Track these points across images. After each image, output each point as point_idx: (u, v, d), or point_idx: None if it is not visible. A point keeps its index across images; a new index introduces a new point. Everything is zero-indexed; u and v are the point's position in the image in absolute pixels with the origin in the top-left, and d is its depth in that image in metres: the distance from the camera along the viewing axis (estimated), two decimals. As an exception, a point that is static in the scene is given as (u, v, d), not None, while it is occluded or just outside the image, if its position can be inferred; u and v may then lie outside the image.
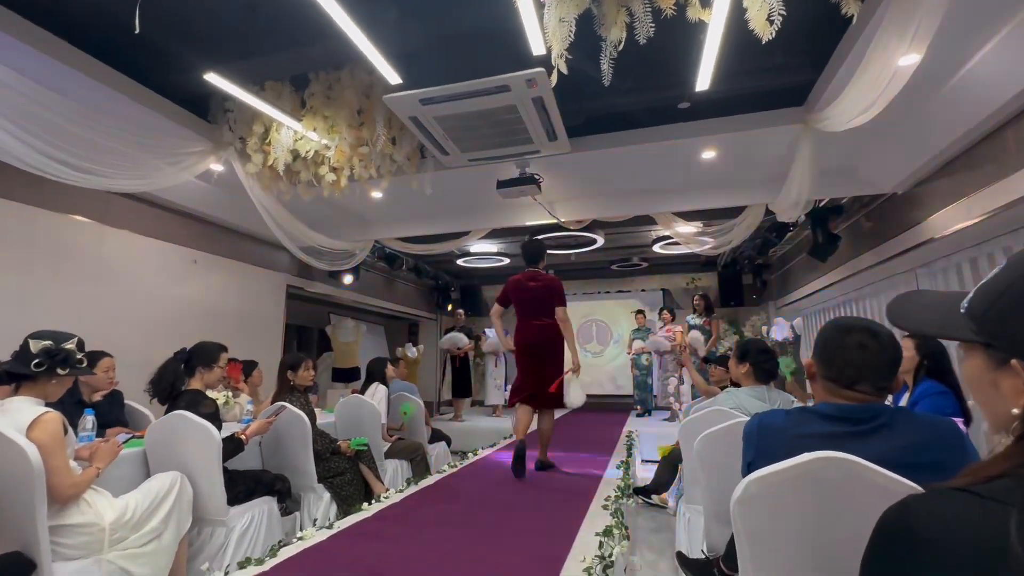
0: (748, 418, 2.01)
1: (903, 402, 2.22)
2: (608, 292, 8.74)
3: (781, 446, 1.11)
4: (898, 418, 1.08)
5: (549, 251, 6.39)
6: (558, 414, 7.16)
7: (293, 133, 3.15)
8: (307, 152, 3.18)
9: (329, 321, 7.21)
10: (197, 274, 4.19)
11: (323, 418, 3.46)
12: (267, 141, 3.21)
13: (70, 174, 2.49)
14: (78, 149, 2.50)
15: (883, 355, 1.09)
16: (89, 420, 2.15)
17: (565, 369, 3.47)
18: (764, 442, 1.16)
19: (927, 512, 0.57)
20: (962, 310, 0.64)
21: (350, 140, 3.13)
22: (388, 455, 3.55)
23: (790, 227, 5.44)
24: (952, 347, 2.31)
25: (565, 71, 2.20)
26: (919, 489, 0.80)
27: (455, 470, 3.51)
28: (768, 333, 5.93)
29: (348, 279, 5.96)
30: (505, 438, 5.18)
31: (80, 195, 3.24)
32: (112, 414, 2.63)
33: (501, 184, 3.61)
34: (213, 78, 2.65)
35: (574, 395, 3.51)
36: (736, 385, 2.81)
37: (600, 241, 6.05)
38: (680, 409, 5.69)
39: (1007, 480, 0.55)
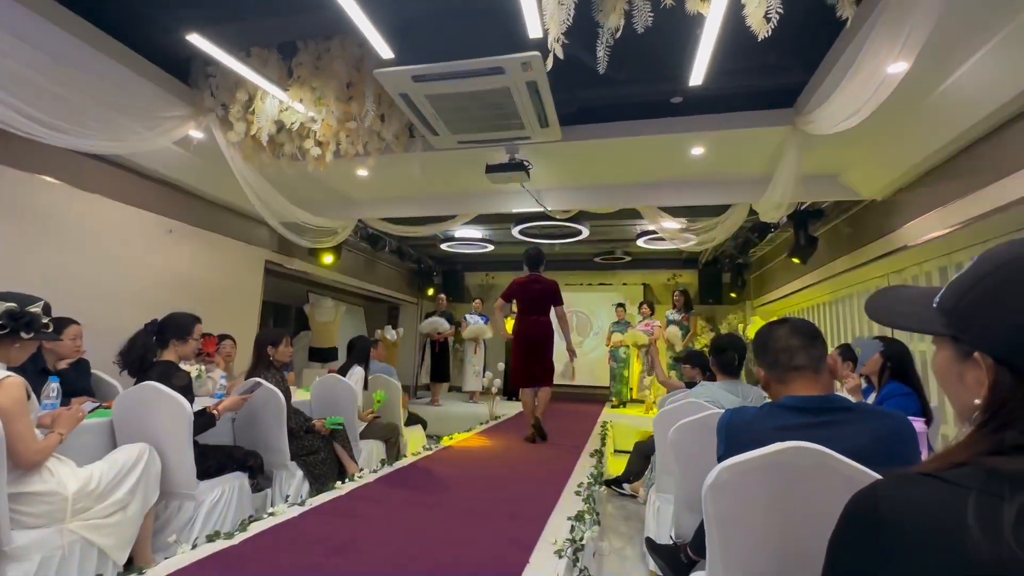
0: (721, 411, 2.08)
1: (870, 402, 2.31)
2: (590, 284, 8.80)
3: (751, 438, 1.16)
4: (856, 409, 1.14)
5: (533, 239, 6.48)
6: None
7: (278, 103, 3.06)
8: (292, 124, 3.10)
9: (308, 300, 7.11)
10: (172, 244, 4.10)
11: (299, 398, 3.46)
12: (251, 110, 3.11)
13: (39, 131, 2.38)
14: (48, 104, 2.40)
15: (809, 331, 1.26)
16: (53, 388, 2.10)
17: (563, 359, 4.62)
18: (734, 435, 1.20)
19: (894, 496, 0.59)
20: (934, 305, 0.67)
21: (337, 114, 3.06)
22: (364, 435, 3.56)
23: (771, 228, 5.55)
24: (915, 351, 2.41)
25: (561, 55, 2.19)
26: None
27: (430, 453, 3.52)
28: (744, 331, 6.07)
29: (329, 258, 5.88)
30: (481, 423, 5.23)
31: (50, 154, 3.12)
32: (78, 383, 2.58)
33: (490, 168, 3.60)
34: (196, 40, 2.54)
35: (574, 373, 5.39)
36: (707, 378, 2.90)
37: (585, 232, 6.08)
38: (655, 401, 5.79)
39: (969, 467, 0.58)
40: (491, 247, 7.18)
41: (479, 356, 7.29)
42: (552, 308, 4.38)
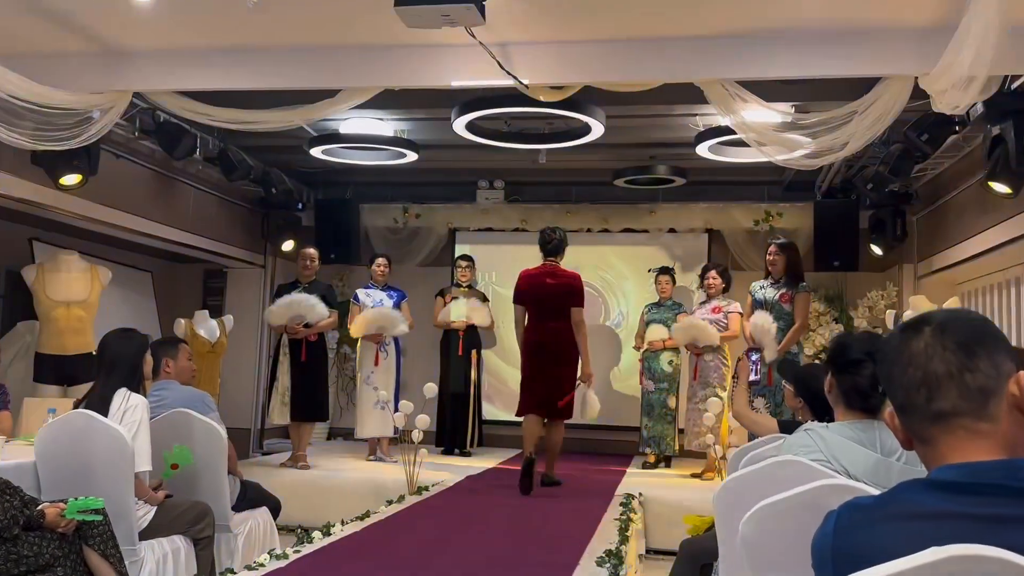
0: (839, 480, 2.13)
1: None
2: (607, 231, 8.94)
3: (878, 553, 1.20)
4: None
5: (496, 141, 6.49)
6: (503, 457, 7.71)
7: None
8: None
9: (32, 257, 6.93)
10: None
11: (14, 459, 3.47)
12: None
13: None
14: None
15: (969, 335, 1.27)
16: None
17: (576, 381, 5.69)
18: (846, 561, 1.23)
19: None
20: None
21: None
22: (145, 533, 3.60)
23: (954, 126, 5.67)
24: None
25: None
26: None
27: (282, 565, 3.59)
28: (895, 322, 6.28)
29: (72, 177, 5.70)
30: (391, 501, 5.38)
31: None
32: None
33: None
34: None
35: (590, 407, 6.01)
36: (822, 416, 2.97)
37: (597, 131, 6.11)
38: (724, 457, 5.99)
39: None
40: (410, 155, 7.15)
41: (385, 371, 7.37)
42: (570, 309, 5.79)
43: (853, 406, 2.49)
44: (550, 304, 5.85)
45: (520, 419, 6.02)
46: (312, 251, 7.25)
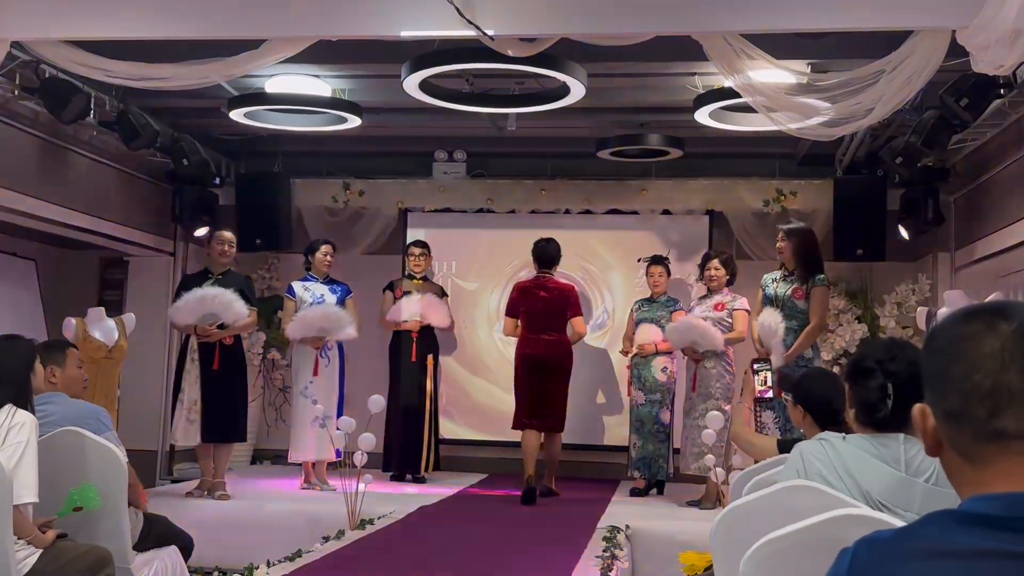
0: (858, 510, 2.14)
1: None
2: (589, 213, 8.98)
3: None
4: None
5: (458, 107, 6.49)
6: (465, 483, 7.68)
7: None
8: None
9: None
10: None
11: None
12: None
13: None
14: None
15: None
16: None
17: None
18: None
19: None
20: None
21: None
22: None
23: (999, 89, 5.73)
24: None
25: None
26: None
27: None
28: (927, 321, 6.34)
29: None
30: (328, 537, 5.33)
31: None
32: None
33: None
34: None
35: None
36: (826, 428, 3.00)
37: (577, 93, 6.11)
38: (726, 482, 6.03)
39: None
40: (352, 121, 7.11)
41: (327, 380, 7.36)
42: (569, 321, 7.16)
43: (863, 420, 2.57)
44: (543, 316, 7.10)
45: (487, 438, 6.29)
46: (228, 235, 7.19)
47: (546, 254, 7.23)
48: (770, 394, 5.66)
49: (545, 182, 8.87)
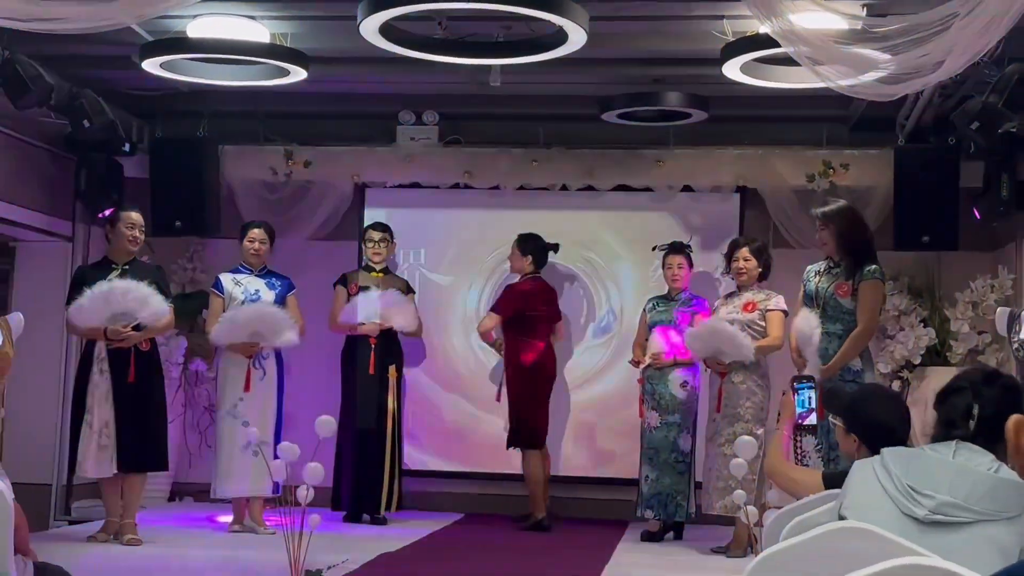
0: (927, 559, 2.14)
1: None
2: (592, 190, 8.98)
3: None
4: None
5: (428, 57, 6.50)
6: (436, 525, 7.72)
7: None
8: None
9: None
10: None
11: None
12: None
13: None
14: None
15: None
16: None
17: None
18: None
19: None
20: None
21: None
22: None
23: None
24: None
25: None
26: None
27: None
28: (1009, 325, 6.34)
29: None
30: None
31: None
32: None
33: None
34: None
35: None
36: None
37: (576, 40, 6.11)
38: (759, 524, 6.03)
39: None
40: (297, 73, 7.08)
41: (262, 397, 7.37)
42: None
43: (934, 438, 2.68)
44: (530, 320, 8.18)
45: (463, 469, 6.31)
46: (136, 216, 7.14)
47: (537, 251, 8.31)
48: (813, 419, 5.58)
49: (537, 151, 8.85)
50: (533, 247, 8.16)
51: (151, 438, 6.90)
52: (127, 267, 6.90)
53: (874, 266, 6.26)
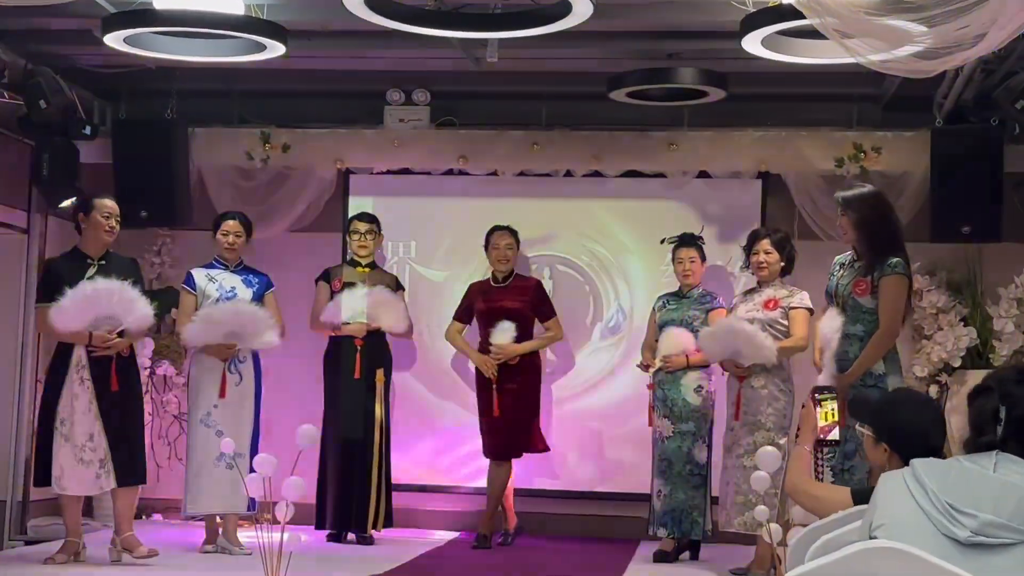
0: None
1: None
2: (599, 176, 9.00)
3: None
4: None
5: (419, 30, 6.49)
6: (429, 545, 7.72)
7: None
8: None
9: None
10: None
11: None
12: None
13: None
14: None
15: None
16: None
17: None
18: None
19: None
20: None
21: None
22: None
23: None
24: None
25: None
26: None
27: None
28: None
29: None
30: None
31: None
32: None
33: None
34: None
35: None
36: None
37: (582, 10, 6.10)
38: (783, 543, 6.04)
39: None
40: (275, 48, 7.06)
41: (237, 404, 7.39)
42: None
43: (967, 447, 2.69)
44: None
45: (457, 483, 6.40)
46: (112, 204, 7.14)
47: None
48: (836, 433, 5.46)
49: (539, 133, 8.85)
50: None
51: (140, 448, 6.94)
52: (103, 262, 6.90)
53: (896, 259, 5.99)
